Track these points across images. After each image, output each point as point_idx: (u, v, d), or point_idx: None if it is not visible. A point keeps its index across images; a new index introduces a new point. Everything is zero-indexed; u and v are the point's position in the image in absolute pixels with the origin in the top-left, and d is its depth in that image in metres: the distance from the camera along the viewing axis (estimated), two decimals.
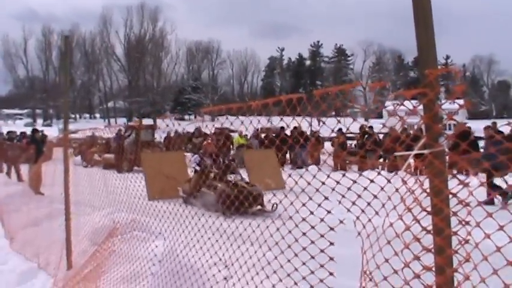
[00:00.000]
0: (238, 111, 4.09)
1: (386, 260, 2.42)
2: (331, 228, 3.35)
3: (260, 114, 4.65)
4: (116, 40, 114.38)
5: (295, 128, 23.77)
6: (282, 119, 4.85)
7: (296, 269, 3.86)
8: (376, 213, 2.68)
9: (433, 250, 2.17)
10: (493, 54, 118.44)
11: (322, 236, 3.38)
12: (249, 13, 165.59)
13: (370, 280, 2.62)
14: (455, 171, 2.38)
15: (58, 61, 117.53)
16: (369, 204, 2.77)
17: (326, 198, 3.27)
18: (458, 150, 2.45)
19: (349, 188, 3.03)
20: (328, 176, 3.52)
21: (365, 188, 2.77)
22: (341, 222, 3.08)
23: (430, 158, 2.09)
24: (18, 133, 30.23)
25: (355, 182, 2.91)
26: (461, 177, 2.27)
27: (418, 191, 2.24)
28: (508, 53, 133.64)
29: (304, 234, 3.62)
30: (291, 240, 4.33)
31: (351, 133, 28.72)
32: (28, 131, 28.20)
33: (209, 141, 17.11)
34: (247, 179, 15.52)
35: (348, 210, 2.91)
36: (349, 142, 27.98)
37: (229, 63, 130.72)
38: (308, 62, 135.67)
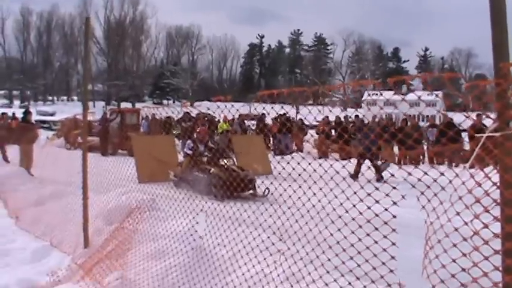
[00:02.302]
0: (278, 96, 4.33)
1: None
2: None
3: (220, 100, 4.93)
4: (95, 22, 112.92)
5: (280, 115, 24.06)
6: (264, 108, 5.17)
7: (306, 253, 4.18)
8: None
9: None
10: (472, 47, 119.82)
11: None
12: None
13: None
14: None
15: (36, 42, 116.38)
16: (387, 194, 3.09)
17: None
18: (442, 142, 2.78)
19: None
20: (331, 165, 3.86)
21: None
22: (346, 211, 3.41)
23: (501, 140, 2.41)
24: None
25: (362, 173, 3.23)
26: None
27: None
28: (486, 46, 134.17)
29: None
30: (288, 223, 4.76)
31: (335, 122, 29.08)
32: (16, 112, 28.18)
33: (203, 127, 17.26)
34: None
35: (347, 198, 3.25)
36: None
37: (208, 48, 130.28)
38: (288, 50, 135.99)
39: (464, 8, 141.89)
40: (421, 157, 22.29)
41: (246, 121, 31.20)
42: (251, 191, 13.39)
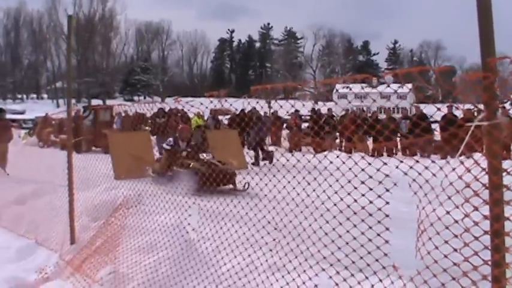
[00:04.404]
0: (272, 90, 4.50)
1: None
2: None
3: (212, 95, 5.11)
4: (64, 19, 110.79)
5: (250, 111, 24.23)
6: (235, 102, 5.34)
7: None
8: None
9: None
10: (440, 40, 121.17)
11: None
12: None
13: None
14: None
15: (4, 39, 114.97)
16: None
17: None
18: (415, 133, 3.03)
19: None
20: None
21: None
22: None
23: (488, 129, 2.61)
24: None
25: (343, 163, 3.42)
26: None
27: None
28: (454, 39, 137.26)
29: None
30: (277, 217, 4.99)
31: (305, 115, 29.47)
32: None
33: (185, 125, 17.25)
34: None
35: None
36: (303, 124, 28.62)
37: (179, 44, 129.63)
38: (258, 45, 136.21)
39: (434, 1, 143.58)
40: (394, 148, 22.68)
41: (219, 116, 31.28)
42: (231, 185, 13.48)
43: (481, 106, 2.67)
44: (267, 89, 4.04)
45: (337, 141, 25.79)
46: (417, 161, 3.23)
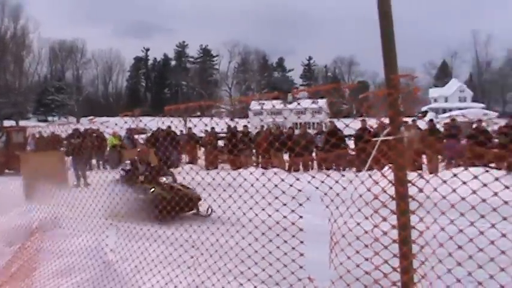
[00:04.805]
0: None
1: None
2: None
3: (127, 115, 5.14)
4: None
5: (164, 130, 24.05)
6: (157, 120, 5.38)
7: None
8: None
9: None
10: (354, 55, 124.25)
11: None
12: (115, 12, 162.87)
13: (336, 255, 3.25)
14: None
15: None
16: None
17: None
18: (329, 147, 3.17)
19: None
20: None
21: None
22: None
23: (393, 143, 2.73)
24: None
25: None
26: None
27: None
28: (367, 54, 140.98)
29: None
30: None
31: (221, 132, 29.61)
32: None
33: (144, 147, 16.57)
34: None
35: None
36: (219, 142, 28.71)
37: (94, 63, 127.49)
38: (173, 63, 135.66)
39: (345, 19, 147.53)
40: (310, 163, 23.07)
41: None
42: (194, 210, 12.26)
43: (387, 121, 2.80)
44: (180, 109, 4.08)
45: (254, 157, 25.94)
46: (328, 175, 3.35)
